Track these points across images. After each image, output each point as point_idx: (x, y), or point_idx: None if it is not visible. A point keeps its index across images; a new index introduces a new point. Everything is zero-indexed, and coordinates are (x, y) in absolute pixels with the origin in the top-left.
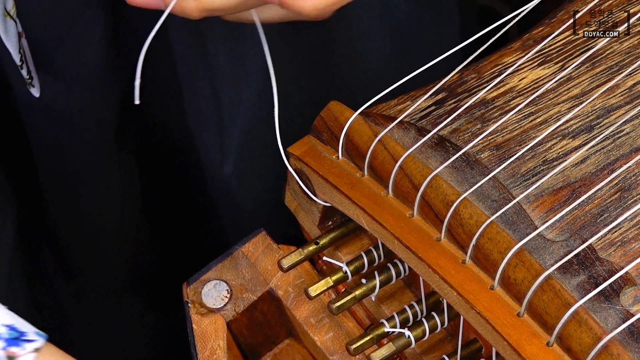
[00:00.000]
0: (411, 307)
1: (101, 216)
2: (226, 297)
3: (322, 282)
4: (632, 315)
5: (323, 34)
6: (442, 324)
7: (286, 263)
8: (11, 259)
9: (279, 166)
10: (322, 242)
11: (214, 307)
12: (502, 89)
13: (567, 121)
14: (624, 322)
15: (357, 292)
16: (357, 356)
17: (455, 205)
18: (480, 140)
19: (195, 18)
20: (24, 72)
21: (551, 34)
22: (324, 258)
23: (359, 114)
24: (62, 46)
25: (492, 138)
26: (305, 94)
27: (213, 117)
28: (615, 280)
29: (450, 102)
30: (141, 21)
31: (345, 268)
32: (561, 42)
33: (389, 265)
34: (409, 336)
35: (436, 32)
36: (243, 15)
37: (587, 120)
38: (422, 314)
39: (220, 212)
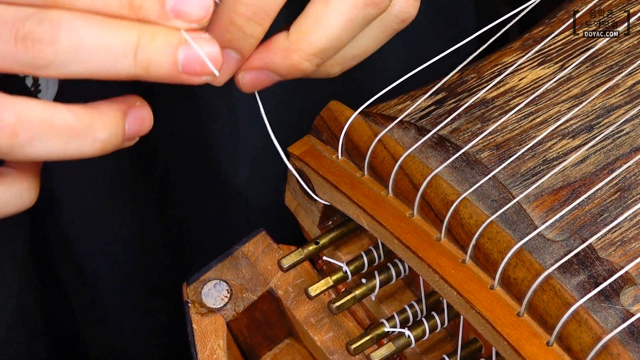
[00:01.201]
0: (411, 306)
1: (115, 221)
2: (226, 297)
3: (322, 281)
4: (632, 315)
5: None
6: (442, 323)
7: (286, 263)
8: (23, 263)
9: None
10: (322, 241)
11: (214, 307)
12: (502, 89)
13: (567, 121)
14: (624, 322)
15: (357, 292)
16: (357, 356)
17: (455, 205)
18: (480, 140)
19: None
20: (28, 81)
21: (551, 34)
22: (324, 258)
23: (359, 113)
24: None
25: (492, 138)
26: (318, 99)
27: (229, 124)
28: (615, 280)
29: (450, 102)
30: None
31: (345, 268)
32: (561, 42)
33: (389, 265)
34: (409, 336)
35: (452, 41)
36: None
37: (587, 120)
38: (422, 313)
39: (232, 219)
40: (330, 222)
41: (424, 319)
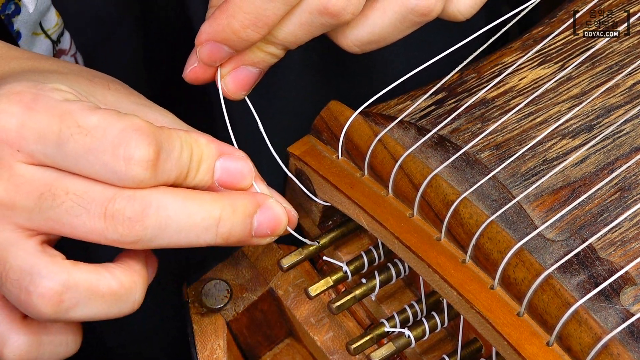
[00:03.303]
0: (411, 306)
1: None
2: (226, 297)
3: (322, 281)
4: (632, 315)
5: None
6: (442, 323)
7: (286, 263)
8: None
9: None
10: (322, 242)
11: (214, 307)
12: (502, 89)
13: (567, 121)
14: (624, 322)
15: (357, 292)
16: (357, 356)
17: (455, 204)
18: (480, 139)
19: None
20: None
21: (551, 34)
22: (324, 258)
23: (359, 113)
24: (100, 55)
25: (492, 138)
26: (325, 97)
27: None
28: (615, 280)
29: (450, 102)
30: (168, 29)
31: (345, 268)
32: (561, 42)
33: (389, 264)
34: (409, 336)
35: (456, 41)
36: None
37: (587, 120)
38: (422, 313)
39: None
40: (330, 222)
41: (424, 319)
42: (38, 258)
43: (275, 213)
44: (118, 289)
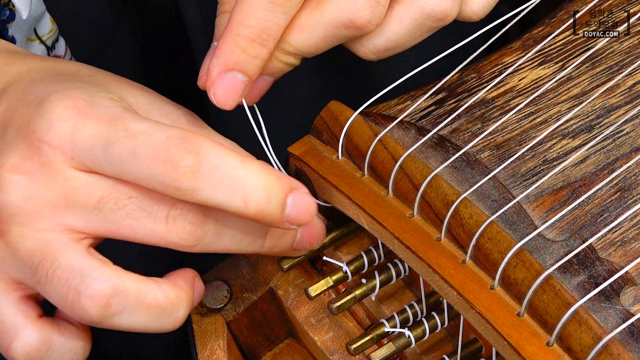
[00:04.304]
0: (411, 307)
1: None
2: (226, 297)
3: (322, 282)
4: (632, 315)
5: None
6: (442, 323)
7: (286, 263)
8: None
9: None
10: (322, 242)
11: (214, 307)
12: (502, 89)
13: (567, 121)
14: (624, 322)
15: (357, 292)
16: (357, 356)
17: (455, 205)
18: (480, 140)
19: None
20: None
21: (551, 34)
22: (324, 258)
23: (359, 113)
24: (98, 60)
25: (492, 138)
26: (325, 98)
27: (228, 123)
28: (615, 280)
29: (450, 102)
30: (165, 38)
31: (345, 268)
32: (561, 42)
33: (389, 265)
34: (409, 336)
35: (457, 42)
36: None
37: (587, 120)
38: (422, 313)
39: None
40: (330, 222)
41: (424, 319)
42: (89, 260)
43: (317, 228)
44: (164, 302)
